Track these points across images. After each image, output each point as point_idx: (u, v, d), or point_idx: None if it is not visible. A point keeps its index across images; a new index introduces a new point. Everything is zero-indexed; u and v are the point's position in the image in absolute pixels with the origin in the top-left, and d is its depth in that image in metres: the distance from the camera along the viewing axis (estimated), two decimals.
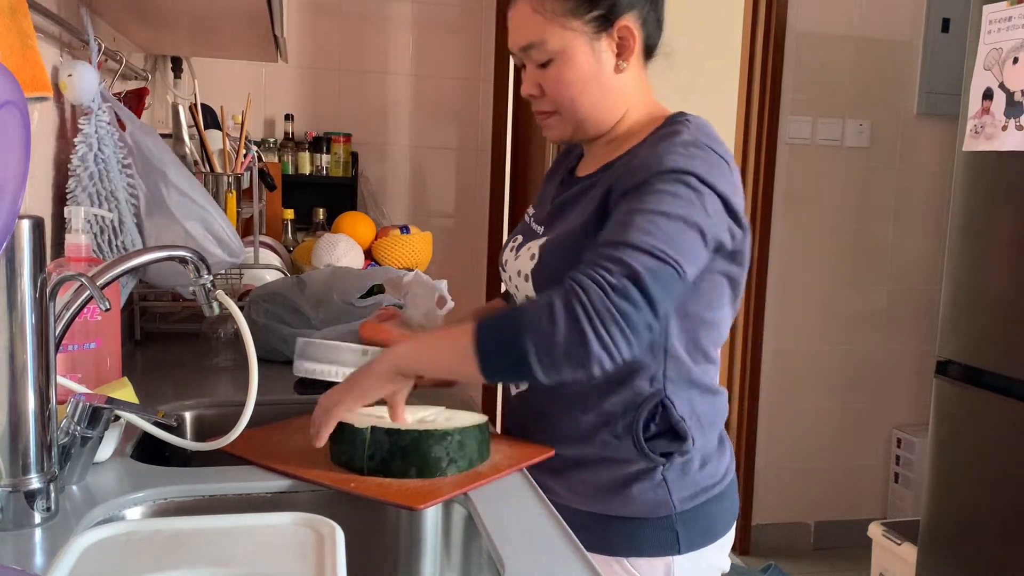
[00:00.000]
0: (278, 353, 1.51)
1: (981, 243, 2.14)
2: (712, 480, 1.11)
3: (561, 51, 1.04)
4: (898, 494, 3.20)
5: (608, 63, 1.07)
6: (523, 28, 1.06)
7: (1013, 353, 2.03)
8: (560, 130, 1.11)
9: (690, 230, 0.96)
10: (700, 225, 0.97)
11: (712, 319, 1.09)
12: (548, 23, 1.03)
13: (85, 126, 1.36)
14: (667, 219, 0.94)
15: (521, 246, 1.15)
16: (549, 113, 1.10)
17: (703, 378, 1.09)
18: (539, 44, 1.04)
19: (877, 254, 3.16)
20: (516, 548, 0.80)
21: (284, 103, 2.87)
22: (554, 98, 1.07)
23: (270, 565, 0.66)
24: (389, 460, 0.94)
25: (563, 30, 1.03)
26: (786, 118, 3.02)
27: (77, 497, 0.86)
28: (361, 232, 2.30)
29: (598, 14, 1.04)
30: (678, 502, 1.07)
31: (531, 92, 1.09)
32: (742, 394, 3.13)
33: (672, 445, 1.06)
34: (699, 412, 1.09)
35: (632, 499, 1.07)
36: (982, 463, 2.12)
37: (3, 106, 0.66)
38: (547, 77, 1.06)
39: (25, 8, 1.13)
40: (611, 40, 1.06)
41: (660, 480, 1.07)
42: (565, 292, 0.91)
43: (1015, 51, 2.02)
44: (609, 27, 1.05)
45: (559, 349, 0.90)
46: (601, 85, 1.07)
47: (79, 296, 0.86)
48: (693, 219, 0.96)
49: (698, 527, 1.09)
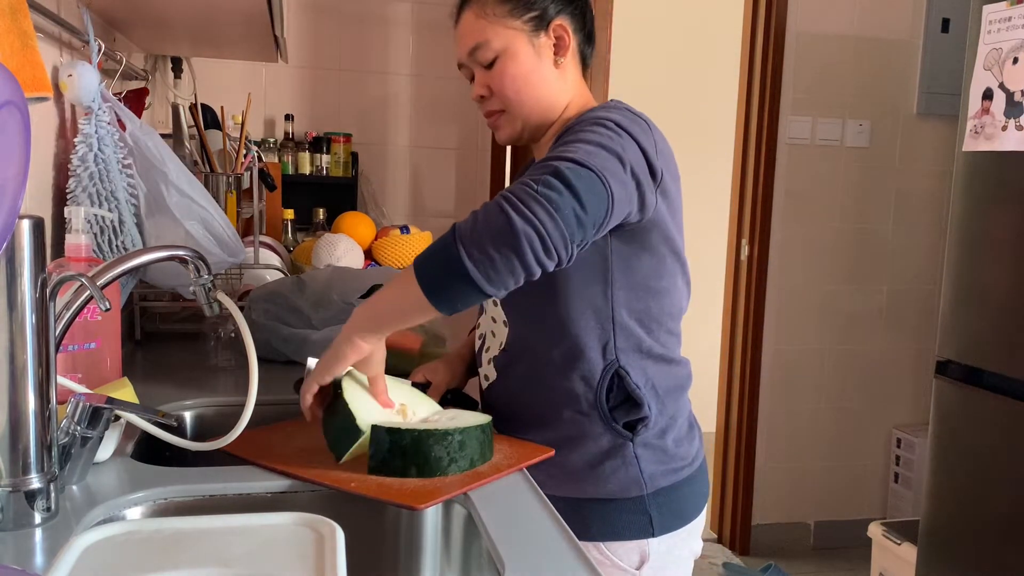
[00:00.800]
0: (278, 353, 1.51)
1: (981, 243, 2.14)
2: (683, 462, 1.16)
3: (504, 48, 1.13)
4: (898, 494, 3.20)
5: (547, 58, 1.16)
6: (468, 34, 1.15)
7: (1013, 353, 2.03)
8: (510, 128, 1.18)
9: (607, 153, 0.97)
10: (618, 152, 0.98)
11: (661, 288, 1.13)
12: (490, 25, 1.13)
13: (85, 126, 1.36)
14: (586, 144, 0.98)
15: None
16: (498, 113, 1.17)
17: (656, 348, 1.13)
18: (484, 44, 1.13)
19: (877, 254, 3.16)
20: (516, 548, 0.80)
21: (284, 103, 2.87)
22: (501, 94, 1.15)
23: (270, 565, 0.66)
24: (389, 459, 0.94)
25: (505, 29, 1.13)
26: (786, 118, 3.02)
27: (77, 497, 0.86)
28: (361, 232, 2.30)
29: (534, 15, 1.14)
30: (649, 479, 1.12)
31: (481, 93, 1.17)
32: (742, 394, 3.13)
33: (631, 413, 1.11)
34: (654, 381, 1.13)
35: (605, 478, 1.11)
36: (982, 463, 2.12)
37: (3, 106, 0.66)
38: (493, 75, 1.15)
39: (25, 8, 1.13)
40: (548, 38, 1.15)
41: (631, 457, 1.11)
42: (491, 201, 0.94)
43: (1015, 51, 2.02)
44: (545, 26, 1.14)
45: (486, 238, 0.90)
46: (542, 78, 1.15)
47: (79, 296, 0.86)
48: (611, 146, 0.98)
49: (671, 509, 1.13)
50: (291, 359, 1.50)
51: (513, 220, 0.89)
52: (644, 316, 1.12)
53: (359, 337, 0.99)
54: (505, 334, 1.17)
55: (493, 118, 1.19)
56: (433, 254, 0.94)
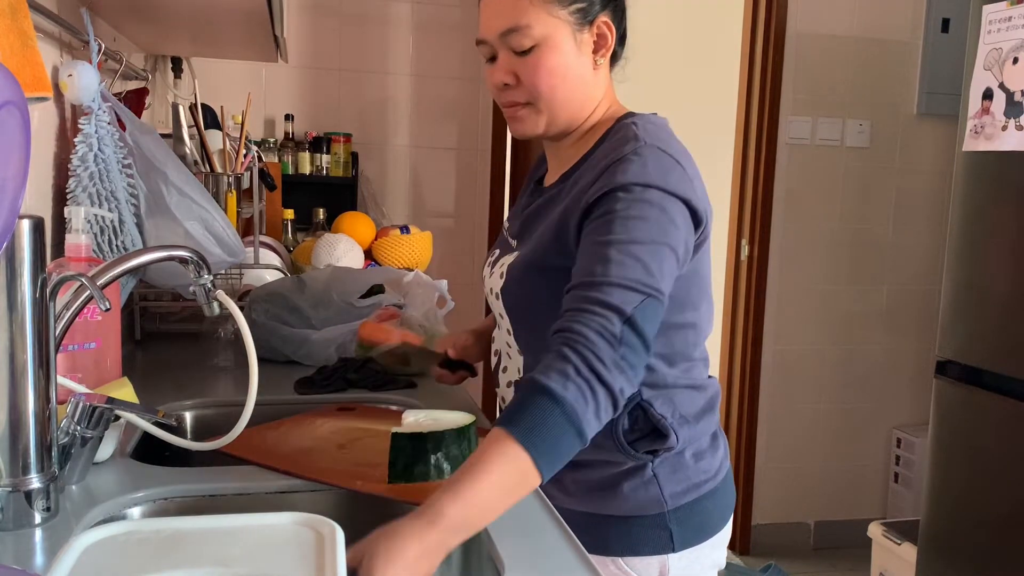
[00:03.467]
0: (278, 353, 1.51)
1: (981, 243, 2.14)
2: (705, 476, 1.10)
3: (546, 37, 1.03)
4: (898, 494, 3.20)
5: (587, 55, 1.06)
6: (506, 12, 1.03)
7: (1013, 353, 2.03)
8: (532, 122, 1.08)
9: (662, 250, 0.95)
10: (670, 243, 0.96)
11: (685, 321, 1.07)
12: (534, 8, 1.02)
13: (85, 126, 1.36)
14: (639, 246, 0.94)
15: (496, 262, 1.15)
16: (522, 104, 1.07)
17: (682, 378, 1.08)
18: (523, 28, 1.02)
19: (877, 254, 3.16)
20: (516, 548, 0.80)
21: (284, 103, 2.87)
22: (533, 86, 1.04)
23: (270, 565, 0.66)
24: (412, 464, 0.94)
25: (549, 16, 1.02)
26: (786, 118, 3.02)
27: (77, 497, 0.86)
28: (361, 232, 2.30)
29: (581, 6, 1.04)
30: (670, 498, 1.07)
31: (505, 81, 1.05)
32: (742, 394, 3.13)
33: (656, 443, 1.05)
34: (681, 409, 1.08)
35: (624, 497, 1.07)
36: (982, 463, 2.12)
37: (3, 106, 0.66)
38: (526, 64, 1.04)
39: (25, 8, 1.13)
40: (591, 35, 1.06)
41: (651, 476, 1.07)
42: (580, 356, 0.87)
43: (1015, 51, 2.02)
44: (590, 22, 1.05)
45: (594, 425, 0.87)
46: (579, 76, 1.06)
47: (79, 296, 0.86)
48: (663, 240, 0.95)
49: (692, 524, 1.09)
50: (291, 359, 1.50)
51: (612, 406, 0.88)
52: (667, 352, 1.06)
53: (456, 540, 0.78)
54: (521, 361, 1.12)
55: (514, 109, 1.07)
56: (544, 432, 0.83)
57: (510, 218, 1.23)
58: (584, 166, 1.07)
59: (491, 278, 1.13)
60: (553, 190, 1.11)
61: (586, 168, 1.06)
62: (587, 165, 1.06)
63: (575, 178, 1.07)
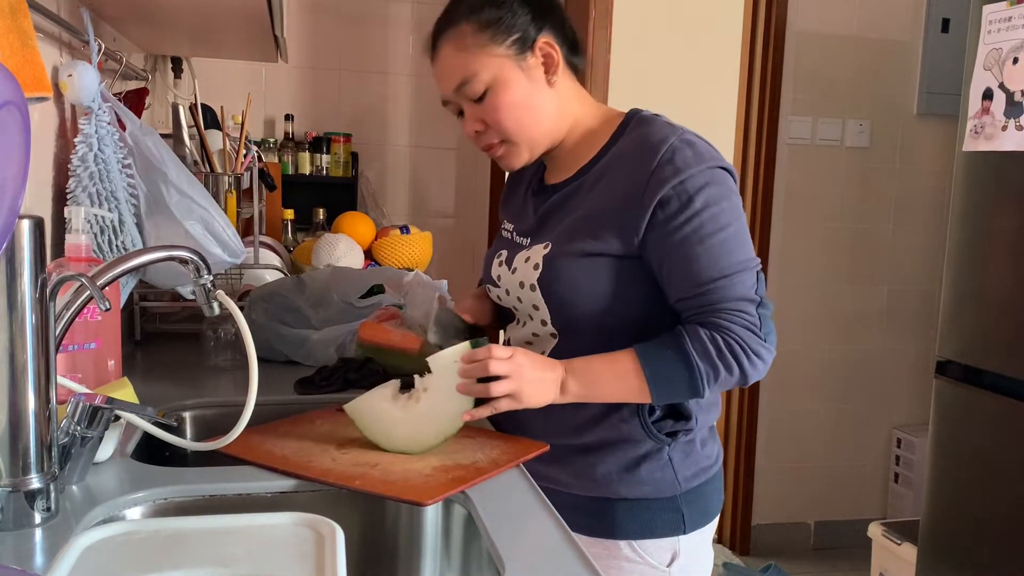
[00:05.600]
0: (278, 353, 1.51)
1: (981, 243, 2.14)
2: (708, 462, 1.17)
3: (495, 78, 1.07)
4: (898, 494, 3.20)
5: (540, 79, 1.10)
6: (452, 70, 1.09)
7: (1013, 353, 2.03)
8: (515, 156, 1.13)
9: (740, 221, 1.06)
10: (742, 217, 1.07)
11: None
12: (474, 56, 1.07)
13: (85, 126, 1.36)
14: (727, 232, 1.04)
15: (512, 259, 1.17)
16: (498, 144, 1.12)
17: None
18: (471, 78, 1.07)
19: (877, 254, 3.16)
20: (516, 548, 0.80)
21: (284, 103, 2.87)
22: (499, 126, 1.10)
23: (270, 565, 0.66)
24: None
25: (491, 58, 1.07)
26: (786, 118, 3.02)
27: (77, 497, 0.86)
28: (361, 232, 2.30)
29: (516, 37, 1.08)
30: (683, 481, 1.13)
31: (476, 128, 1.12)
32: (742, 394, 3.12)
33: (677, 424, 1.12)
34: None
35: (641, 480, 1.11)
36: (982, 463, 2.12)
37: (3, 106, 0.66)
38: (487, 108, 1.09)
39: (25, 8, 1.13)
40: (536, 58, 1.10)
41: (666, 460, 1.12)
42: (722, 332, 1.03)
43: (1015, 51, 2.02)
44: (530, 47, 1.09)
45: (722, 381, 1.05)
46: (539, 101, 1.11)
47: (79, 296, 0.86)
48: (738, 216, 1.06)
49: (699, 507, 1.15)
50: (291, 359, 1.50)
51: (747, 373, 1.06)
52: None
53: (566, 395, 1.05)
54: (552, 344, 1.14)
55: (494, 150, 1.13)
56: (673, 378, 1.04)
57: (511, 219, 1.25)
58: (607, 157, 1.11)
59: (517, 273, 1.15)
60: (570, 186, 1.14)
61: (614, 160, 1.10)
62: (613, 156, 1.10)
63: (598, 171, 1.11)
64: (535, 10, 1.09)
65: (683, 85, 4.14)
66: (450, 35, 1.09)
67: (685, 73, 4.15)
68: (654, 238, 1.04)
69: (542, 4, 1.11)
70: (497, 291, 1.21)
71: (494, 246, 1.26)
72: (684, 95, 4.13)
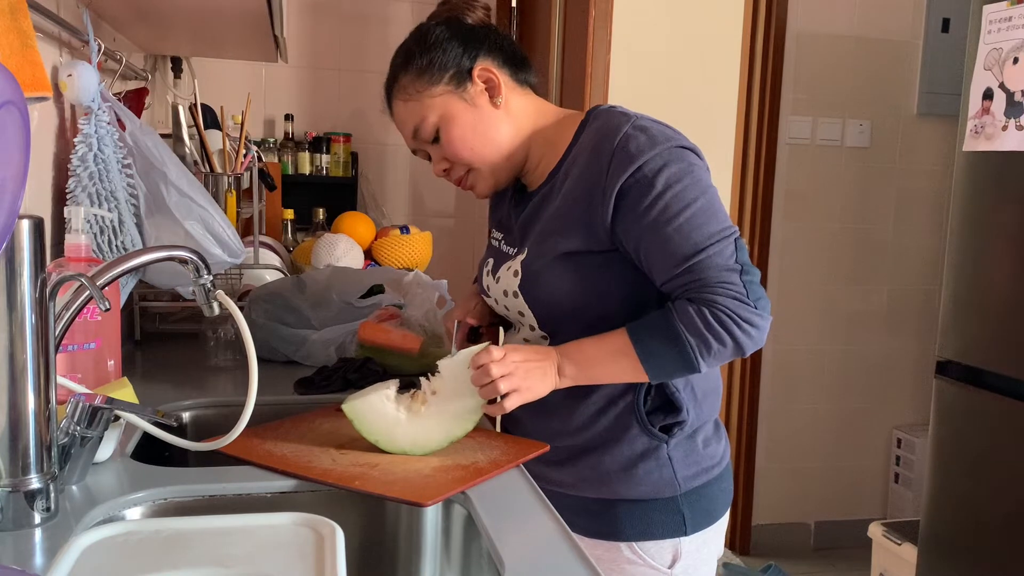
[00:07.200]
0: (278, 353, 1.51)
1: (981, 243, 2.14)
2: (711, 462, 1.16)
3: (442, 116, 1.12)
4: (898, 494, 3.20)
5: (485, 105, 1.13)
6: (405, 120, 1.14)
7: (1013, 353, 2.03)
8: (483, 183, 1.16)
9: (710, 193, 1.06)
10: (709, 190, 1.07)
11: None
12: (419, 102, 1.12)
13: (85, 126, 1.36)
14: (694, 207, 1.04)
15: (497, 268, 1.19)
16: (465, 176, 1.16)
17: None
18: (421, 123, 1.12)
19: (877, 254, 3.16)
20: (516, 548, 0.80)
21: (284, 103, 2.87)
22: (458, 159, 1.13)
23: (270, 565, 0.66)
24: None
25: (432, 99, 1.12)
26: (786, 118, 3.02)
27: (77, 497, 0.86)
28: (361, 232, 2.30)
29: (451, 72, 1.12)
30: (683, 481, 1.12)
31: (442, 167, 1.16)
32: (742, 394, 3.12)
33: (669, 417, 1.12)
34: (694, 384, 1.14)
35: (639, 480, 1.11)
36: (982, 463, 2.12)
37: (3, 106, 0.66)
38: (444, 147, 1.13)
39: (25, 8, 1.13)
40: (476, 86, 1.12)
41: (665, 459, 1.12)
42: (710, 306, 1.02)
43: (1015, 51, 2.02)
44: (468, 77, 1.12)
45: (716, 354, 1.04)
46: (489, 126, 1.13)
47: (79, 296, 0.86)
48: (705, 186, 1.06)
49: (701, 508, 1.14)
50: (291, 359, 1.50)
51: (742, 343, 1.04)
52: None
53: (564, 379, 1.07)
54: (545, 344, 1.15)
55: (462, 182, 1.17)
56: (664, 354, 1.04)
57: (499, 229, 1.27)
58: (570, 157, 1.12)
59: (500, 282, 1.17)
60: (542, 191, 1.16)
61: (575, 158, 1.11)
62: (575, 155, 1.12)
63: (564, 171, 1.12)
64: (465, 42, 1.13)
65: (683, 85, 4.14)
66: (396, 91, 1.15)
67: (685, 73, 4.15)
68: (624, 229, 1.05)
69: (472, 33, 1.14)
70: (489, 300, 1.23)
71: (484, 255, 1.28)
72: (684, 95, 4.13)
